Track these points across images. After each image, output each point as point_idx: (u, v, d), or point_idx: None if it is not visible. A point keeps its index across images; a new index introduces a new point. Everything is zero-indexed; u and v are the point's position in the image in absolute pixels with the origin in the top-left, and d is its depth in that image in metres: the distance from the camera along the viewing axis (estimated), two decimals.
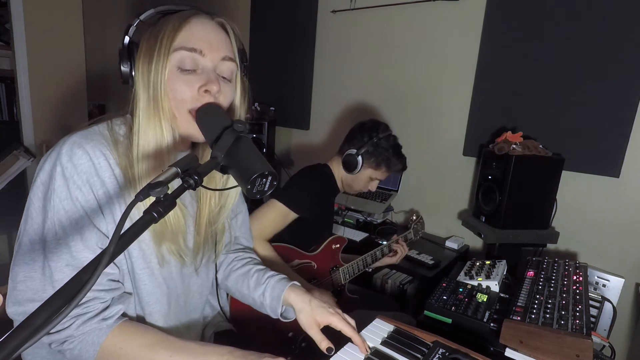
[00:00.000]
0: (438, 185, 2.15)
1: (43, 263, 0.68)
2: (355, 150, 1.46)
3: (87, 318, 0.70)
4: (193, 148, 0.89)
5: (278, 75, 2.73)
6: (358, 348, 0.77)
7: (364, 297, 1.64)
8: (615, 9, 1.55)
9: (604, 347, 1.11)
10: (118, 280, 0.77)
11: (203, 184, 0.57)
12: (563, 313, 0.93)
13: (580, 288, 1.07)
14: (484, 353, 0.78)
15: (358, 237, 1.94)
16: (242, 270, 1.00)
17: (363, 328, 0.85)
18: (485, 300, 1.09)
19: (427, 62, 2.10)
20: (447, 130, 2.08)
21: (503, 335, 0.91)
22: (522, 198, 1.58)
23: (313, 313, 0.84)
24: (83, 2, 2.78)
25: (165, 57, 0.71)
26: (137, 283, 0.79)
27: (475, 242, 2.02)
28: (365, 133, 1.49)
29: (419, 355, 0.76)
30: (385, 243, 1.58)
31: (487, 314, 1.02)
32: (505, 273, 1.30)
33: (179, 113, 0.74)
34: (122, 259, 0.77)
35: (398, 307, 1.71)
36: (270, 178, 0.61)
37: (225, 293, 1.08)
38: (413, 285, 1.89)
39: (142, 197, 0.48)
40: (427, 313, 1.08)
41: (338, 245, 1.50)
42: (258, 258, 1.07)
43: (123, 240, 0.45)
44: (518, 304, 0.99)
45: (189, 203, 0.86)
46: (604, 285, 1.45)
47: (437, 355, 0.76)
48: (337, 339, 0.79)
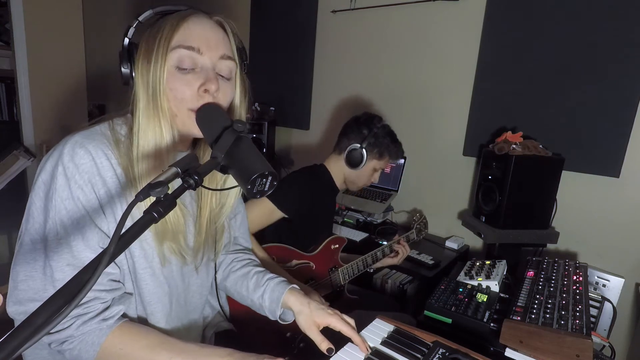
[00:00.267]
0: (438, 185, 2.15)
1: (44, 262, 0.68)
2: (359, 145, 1.47)
3: (87, 318, 0.70)
4: (194, 148, 0.89)
5: (278, 75, 2.73)
6: (358, 348, 0.77)
7: (364, 297, 1.64)
8: (615, 9, 1.54)
9: (604, 347, 1.11)
10: (119, 281, 0.77)
11: (203, 184, 0.57)
12: (563, 313, 0.93)
13: (580, 288, 1.07)
14: (484, 353, 0.78)
15: (358, 237, 1.94)
16: (241, 272, 1.01)
17: (363, 328, 0.85)
18: (485, 300, 1.09)
19: (427, 62, 2.10)
20: (447, 130, 2.08)
21: (503, 335, 0.91)
22: (522, 198, 1.58)
23: (312, 315, 0.84)
24: (83, 2, 2.78)
25: (164, 56, 0.71)
26: (138, 283, 0.79)
27: (475, 242, 2.02)
28: (363, 126, 1.51)
29: (419, 355, 0.76)
30: (386, 243, 1.57)
31: (487, 314, 1.02)
32: (505, 273, 1.30)
33: (179, 112, 0.74)
34: (123, 259, 0.76)
35: (398, 307, 1.70)
36: (271, 178, 0.61)
37: (224, 293, 1.08)
38: (413, 285, 1.89)
39: (142, 197, 0.48)
40: (427, 313, 1.08)
41: (337, 246, 1.49)
42: (257, 260, 1.07)
43: (123, 240, 0.45)
44: (518, 304, 0.99)
45: (189, 203, 0.86)
46: (604, 285, 1.45)
47: (437, 355, 0.76)
48: (337, 340, 0.79)
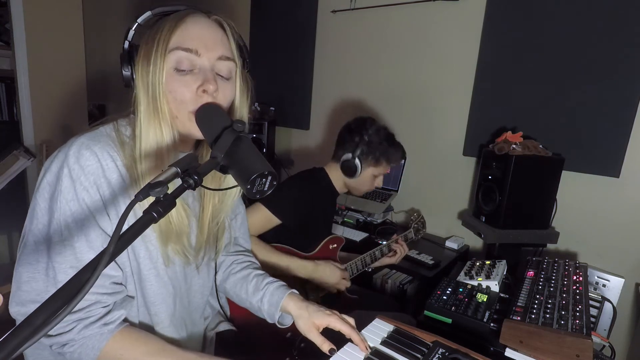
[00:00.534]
0: (438, 185, 2.15)
1: (47, 264, 0.68)
2: (351, 154, 1.42)
3: (88, 322, 0.70)
4: (196, 148, 0.89)
5: (278, 75, 2.73)
6: (358, 348, 0.77)
7: (364, 297, 1.64)
8: (615, 9, 1.54)
9: (604, 347, 1.11)
10: (121, 284, 0.77)
11: (203, 184, 0.57)
12: (563, 313, 0.93)
13: (580, 288, 1.07)
14: (484, 353, 0.78)
15: (358, 237, 1.94)
16: (241, 274, 1.01)
17: (363, 328, 0.85)
18: (485, 300, 1.09)
19: (427, 62, 2.10)
20: (447, 130, 2.07)
21: (503, 335, 0.91)
22: (522, 198, 1.58)
23: (311, 318, 0.85)
24: (83, 2, 2.78)
25: (162, 58, 0.71)
26: (143, 284, 0.79)
27: (475, 242, 2.02)
28: (354, 133, 1.46)
29: (419, 355, 0.76)
30: (385, 243, 1.57)
31: (487, 314, 1.02)
32: (505, 273, 1.29)
33: (180, 114, 0.74)
34: (126, 261, 0.76)
35: (398, 307, 1.70)
36: (270, 178, 0.61)
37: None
38: (413, 285, 1.89)
39: (141, 197, 0.48)
40: (427, 313, 1.08)
41: (335, 245, 1.49)
42: (257, 262, 1.08)
43: (123, 240, 0.45)
44: (518, 304, 0.99)
45: (191, 202, 0.86)
46: (604, 285, 1.45)
47: (437, 355, 0.76)
48: (337, 340, 0.79)
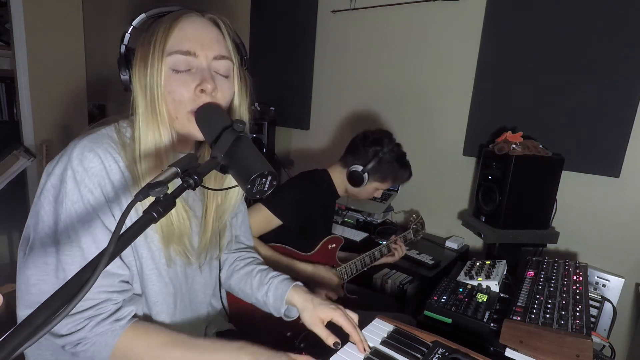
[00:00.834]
0: (438, 185, 2.15)
1: (56, 266, 0.68)
2: (362, 167, 1.43)
3: (100, 319, 0.70)
4: (197, 149, 0.89)
5: (278, 75, 2.72)
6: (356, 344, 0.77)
7: (364, 297, 1.64)
8: (615, 9, 1.54)
9: (604, 347, 1.11)
10: (129, 282, 0.77)
11: (203, 184, 0.57)
12: (563, 313, 0.93)
13: (580, 288, 1.07)
14: (484, 353, 0.78)
15: (358, 237, 1.94)
16: (244, 270, 1.01)
17: (363, 328, 0.85)
18: (485, 300, 1.09)
19: (427, 62, 2.10)
20: (447, 130, 2.07)
21: (503, 335, 0.91)
22: (522, 198, 1.58)
23: (315, 310, 0.85)
24: (83, 2, 2.78)
25: (160, 61, 0.71)
26: (145, 283, 0.79)
27: (475, 242, 2.02)
28: (370, 147, 1.45)
29: (419, 355, 0.76)
30: (385, 243, 1.57)
31: (487, 314, 1.02)
32: (505, 273, 1.30)
33: (179, 114, 0.74)
34: (132, 261, 0.77)
35: (398, 307, 1.71)
36: (270, 178, 0.61)
37: (225, 293, 1.08)
38: (413, 285, 1.89)
39: (141, 197, 0.48)
40: (427, 313, 1.08)
41: (334, 245, 1.49)
42: (260, 258, 1.08)
43: (123, 240, 0.45)
44: (518, 304, 0.99)
45: (193, 202, 0.86)
46: (604, 285, 1.45)
47: (437, 355, 0.76)
48: (344, 335, 0.80)
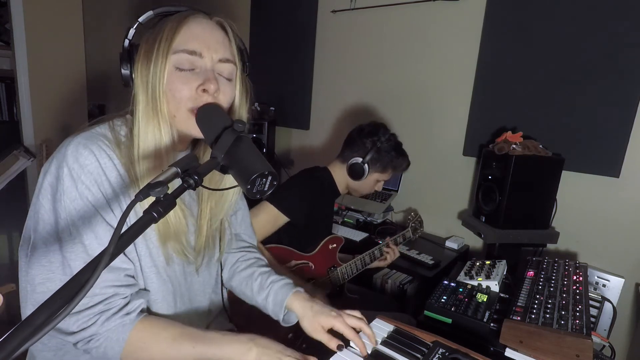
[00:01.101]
0: (438, 185, 2.15)
1: (62, 263, 0.68)
2: (361, 159, 1.45)
3: (110, 314, 0.71)
4: (194, 148, 0.89)
5: (278, 75, 2.73)
6: (357, 348, 0.77)
7: (364, 297, 1.64)
8: (615, 10, 1.54)
9: (604, 347, 1.11)
10: (134, 276, 0.78)
11: (203, 184, 0.57)
12: (563, 313, 0.93)
13: (580, 288, 1.07)
14: (484, 353, 0.78)
15: (358, 237, 1.94)
16: (245, 273, 1.01)
17: None
18: (485, 300, 1.08)
19: (427, 62, 2.10)
20: (447, 130, 2.07)
21: (503, 335, 0.91)
22: (522, 198, 1.58)
23: (315, 318, 0.85)
24: (83, 2, 2.78)
25: (164, 59, 0.71)
26: (145, 281, 0.79)
27: (475, 242, 2.02)
28: (367, 138, 1.47)
29: (419, 355, 0.76)
30: (382, 242, 1.57)
31: (487, 314, 1.02)
32: (505, 273, 1.29)
33: (178, 113, 0.74)
34: (135, 257, 0.77)
35: (398, 307, 1.71)
36: (270, 178, 0.61)
37: (227, 292, 1.08)
38: (413, 285, 1.89)
39: (142, 197, 0.48)
40: (427, 313, 1.08)
41: (335, 245, 1.50)
42: (263, 258, 1.07)
43: (123, 240, 0.45)
44: (518, 304, 0.99)
45: (189, 203, 0.86)
46: (604, 285, 1.45)
47: (437, 355, 0.76)
48: (342, 339, 0.79)
